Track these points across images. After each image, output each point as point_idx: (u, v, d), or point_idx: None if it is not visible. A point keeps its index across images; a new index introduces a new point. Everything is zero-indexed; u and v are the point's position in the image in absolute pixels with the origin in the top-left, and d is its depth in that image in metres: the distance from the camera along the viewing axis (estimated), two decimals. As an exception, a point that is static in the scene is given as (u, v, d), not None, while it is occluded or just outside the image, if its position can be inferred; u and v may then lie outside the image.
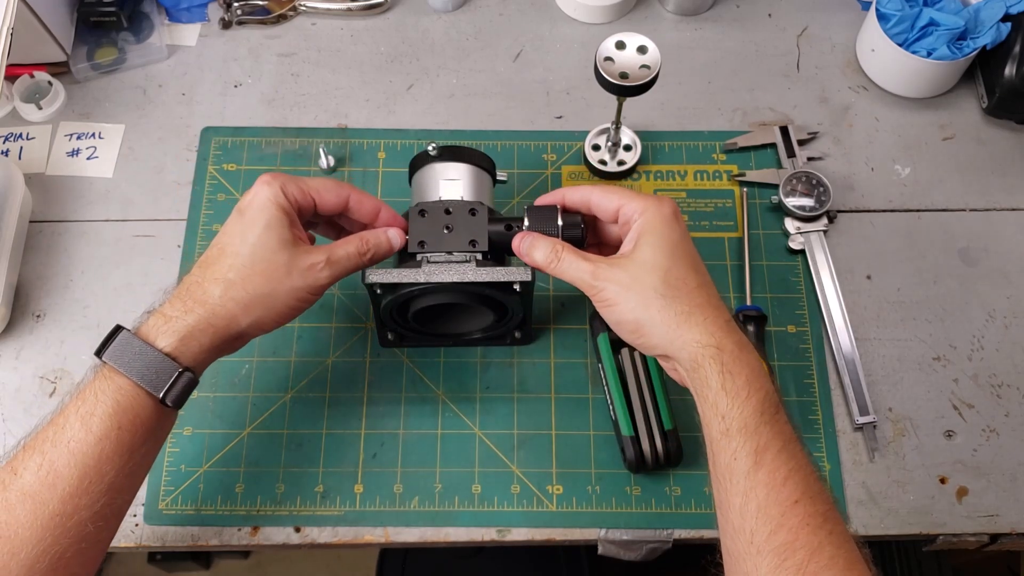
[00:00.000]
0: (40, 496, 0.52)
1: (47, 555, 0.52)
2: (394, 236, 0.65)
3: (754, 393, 0.55)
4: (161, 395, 0.55)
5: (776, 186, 0.80)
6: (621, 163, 0.82)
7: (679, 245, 0.60)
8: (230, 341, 0.59)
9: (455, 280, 0.63)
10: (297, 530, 0.69)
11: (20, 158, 0.83)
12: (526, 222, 0.65)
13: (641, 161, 0.83)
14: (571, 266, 0.61)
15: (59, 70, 0.87)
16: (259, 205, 0.60)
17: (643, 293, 0.58)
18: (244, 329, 0.59)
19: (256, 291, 0.58)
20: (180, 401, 0.57)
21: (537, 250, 0.62)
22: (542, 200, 0.66)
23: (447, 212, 0.66)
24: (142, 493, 0.70)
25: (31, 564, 0.51)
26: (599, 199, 0.63)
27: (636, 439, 0.68)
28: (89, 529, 0.53)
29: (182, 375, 0.56)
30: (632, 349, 0.72)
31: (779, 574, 0.50)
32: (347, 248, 0.63)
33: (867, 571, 0.51)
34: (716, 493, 0.55)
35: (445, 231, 0.65)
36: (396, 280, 0.63)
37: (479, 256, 0.65)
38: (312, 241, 0.65)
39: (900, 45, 0.82)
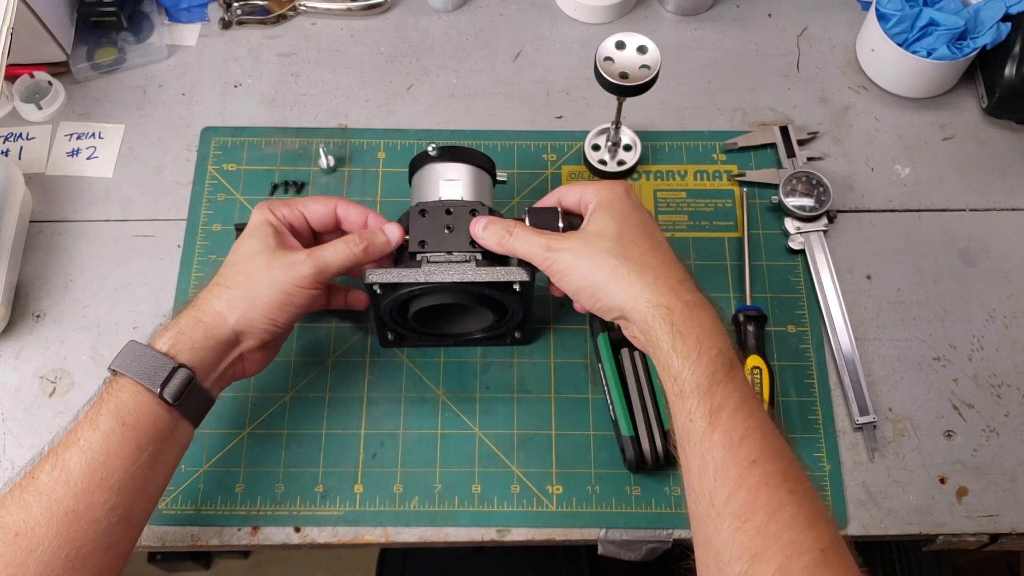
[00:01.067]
0: (55, 494, 0.54)
1: (63, 551, 0.53)
2: (391, 231, 0.66)
3: (705, 352, 0.54)
4: (159, 390, 0.57)
5: (776, 186, 0.80)
6: (621, 163, 0.82)
7: (630, 215, 0.61)
8: (225, 342, 0.61)
9: (455, 280, 0.63)
10: (297, 530, 0.69)
11: (20, 158, 0.83)
12: (527, 223, 0.65)
13: (641, 161, 0.83)
14: (524, 241, 0.62)
15: (59, 70, 0.87)
16: (250, 225, 0.65)
17: (595, 256, 0.59)
18: (234, 326, 0.61)
19: (237, 286, 0.62)
20: (180, 396, 0.58)
21: (489, 230, 0.63)
22: (541, 203, 0.67)
23: (448, 212, 0.66)
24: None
25: (48, 561, 0.53)
26: (565, 193, 0.66)
27: (636, 439, 0.68)
28: (104, 525, 0.55)
29: (177, 370, 0.58)
30: (632, 349, 0.72)
31: (739, 536, 0.49)
32: (335, 245, 0.64)
33: (829, 526, 0.51)
34: (679, 455, 0.55)
35: (446, 231, 0.65)
36: (396, 280, 0.63)
37: (479, 256, 0.65)
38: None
39: (900, 45, 0.82)
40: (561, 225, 0.64)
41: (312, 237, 0.69)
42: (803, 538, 0.49)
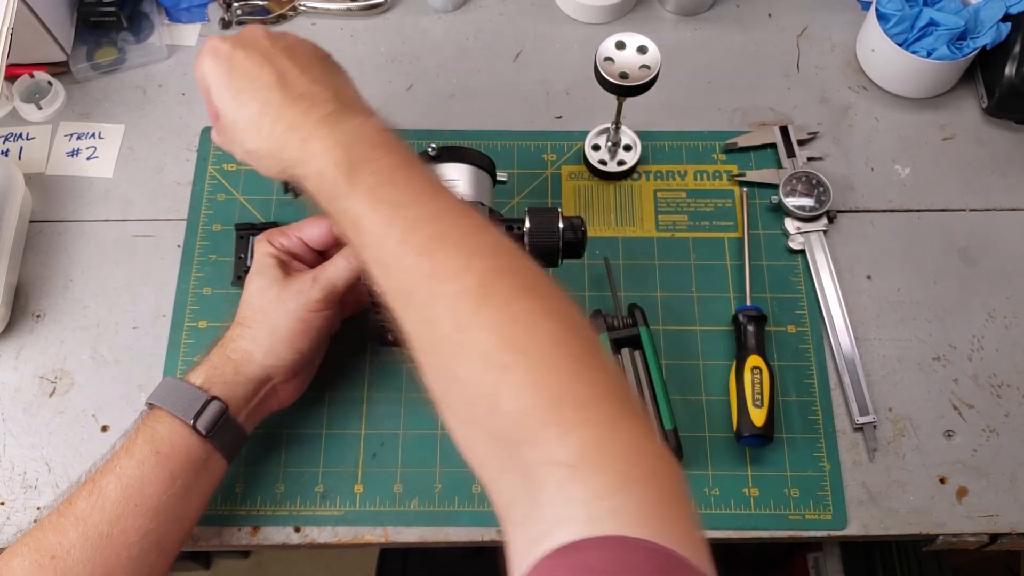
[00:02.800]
0: (91, 519, 0.56)
1: (96, 574, 0.55)
2: None
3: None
4: (192, 421, 0.59)
5: (776, 186, 0.80)
6: (621, 163, 0.82)
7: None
8: (255, 378, 0.63)
9: (455, 280, 0.63)
10: (297, 530, 0.69)
11: (20, 158, 0.83)
12: (527, 223, 0.65)
13: (641, 161, 0.83)
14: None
15: (59, 70, 0.87)
16: (255, 262, 0.67)
17: None
18: (262, 361, 0.63)
19: (257, 324, 0.64)
20: (213, 428, 0.60)
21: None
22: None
23: (447, 212, 0.66)
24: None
25: None
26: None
27: (636, 439, 0.68)
28: (137, 551, 0.57)
29: (210, 403, 0.60)
30: (632, 349, 0.71)
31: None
32: (336, 261, 0.65)
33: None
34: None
35: (445, 231, 0.65)
36: (396, 280, 0.63)
37: (479, 256, 0.64)
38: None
39: (900, 45, 0.82)
40: (561, 225, 0.64)
41: (316, 257, 0.69)
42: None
